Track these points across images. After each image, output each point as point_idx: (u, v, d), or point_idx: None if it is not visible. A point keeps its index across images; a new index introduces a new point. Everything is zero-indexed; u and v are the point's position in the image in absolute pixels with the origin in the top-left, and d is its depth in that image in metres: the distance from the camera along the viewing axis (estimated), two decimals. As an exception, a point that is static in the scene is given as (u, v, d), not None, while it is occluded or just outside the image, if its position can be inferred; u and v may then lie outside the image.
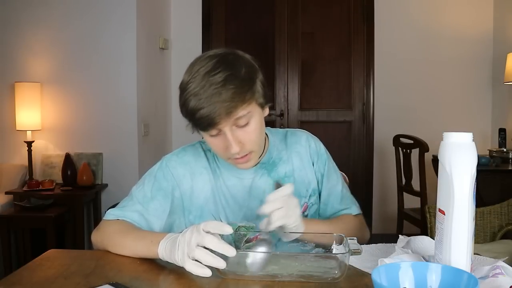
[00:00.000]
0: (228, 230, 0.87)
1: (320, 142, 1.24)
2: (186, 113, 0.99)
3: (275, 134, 1.22)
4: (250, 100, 1.00)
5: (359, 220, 1.22)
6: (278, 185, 1.01)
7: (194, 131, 1.05)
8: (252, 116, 1.02)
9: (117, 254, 1.03)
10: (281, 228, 0.99)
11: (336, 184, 1.22)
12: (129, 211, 1.10)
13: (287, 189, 0.97)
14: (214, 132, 1.00)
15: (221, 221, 1.13)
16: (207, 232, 0.87)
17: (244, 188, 1.14)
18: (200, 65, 0.98)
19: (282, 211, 0.95)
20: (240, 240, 1.04)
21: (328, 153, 1.25)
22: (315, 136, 1.25)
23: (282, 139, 1.21)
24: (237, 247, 0.96)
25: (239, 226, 1.11)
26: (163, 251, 0.92)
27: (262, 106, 1.05)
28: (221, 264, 0.84)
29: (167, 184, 1.13)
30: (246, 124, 1.01)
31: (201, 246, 0.86)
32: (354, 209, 1.23)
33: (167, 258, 0.92)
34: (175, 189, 1.14)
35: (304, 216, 1.17)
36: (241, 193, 1.14)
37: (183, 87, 1.00)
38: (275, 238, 1.10)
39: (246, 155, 1.05)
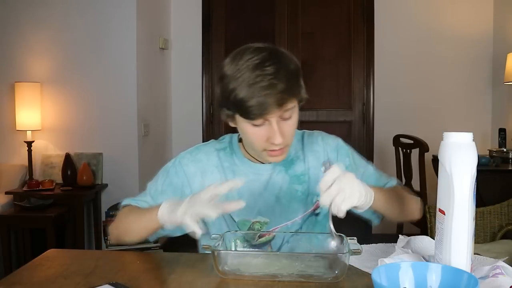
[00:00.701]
0: (241, 203, 0.92)
1: (337, 137, 1.24)
2: (235, 102, 0.99)
3: None
4: (298, 95, 1.03)
5: (405, 189, 1.21)
6: (327, 165, 0.93)
7: (230, 121, 1.06)
8: (295, 111, 1.04)
9: (119, 250, 1.05)
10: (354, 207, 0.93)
11: (367, 167, 1.23)
12: (140, 200, 1.16)
13: (335, 171, 0.90)
14: (259, 122, 1.01)
15: (232, 218, 1.13)
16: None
17: (261, 184, 1.15)
18: (249, 56, 0.99)
19: (340, 197, 0.89)
20: (253, 237, 1.05)
21: (348, 145, 1.25)
22: (331, 134, 1.25)
23: (299, 139, 1.22)
24: (250, 245, 1.00)
25: (253, 222, 1.12)
26: (163, 210, 0.96)
27: (300, 102, 1.07)
28: (212, 214, 0.89)
29: (177, 181, 1.16)
30: (289, 118, 1.03)
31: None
32: (394, 180, 1.23)
33: (166, 218, 0.95)
34: (185, 186, 1.16)
35: (315, 215, 1.17)
36: (258, 188, 1.15)
37: (232, 76, 0.99)
38: (280, 238, 1.11)
39: (282, 148, 1.06)
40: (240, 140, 1.18)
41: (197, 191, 1.13)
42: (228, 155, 1.18)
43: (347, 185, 0.90)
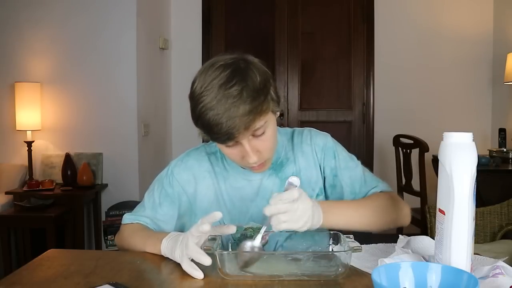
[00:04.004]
0: (218, 215, 0.91)
1: (327, 135, 1.21)
2: (202, 125, 0.98)
3: (284, 133, 1.21)
4: (267, 110, 0.99)
5: (389, 196, 1.15)
6: (290, 183, 0.96)
7: (207, 138, 1.04)
8: (268, 124, 1.01)
9: (118, 253, 1.05)
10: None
11: (355, 169, 1.19)
12: (141, 216, 1.17)
13: (294, 193, 0.92)
14: (231, 143, 0.99)
15: (225, 224, 1.12)
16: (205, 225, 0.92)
17: (252, 189, 1.14)
18: (213, 75, 0.96)
19: (286, 216, 0.91)
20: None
21: (338, 143, 1.22)
22: (321, 132, 1.22)
23: (290, 139, 1.20)
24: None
25: (245, 228, 1.12)
26: (165, 248, 0.99)
27: (275, 112, 1.04)
28: (206, 261, 0.89)
29: (173, 191, 1.16)
30: (262, 133, 1.00)
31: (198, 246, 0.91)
32: (381, 186, 1.19)
33: (169, 255, 0.98)
34: (181, 195, 1.16)
35: None
36: (249, 194, 1.14)
37: (197, 99, 0.96)
38: (279, 236, 1.11)
39: (262, 162, 1.05)
40: None
41: (192, 197, 1.16)
42: (219, 160, 1.17)
43: (298, 211, 0.91)
